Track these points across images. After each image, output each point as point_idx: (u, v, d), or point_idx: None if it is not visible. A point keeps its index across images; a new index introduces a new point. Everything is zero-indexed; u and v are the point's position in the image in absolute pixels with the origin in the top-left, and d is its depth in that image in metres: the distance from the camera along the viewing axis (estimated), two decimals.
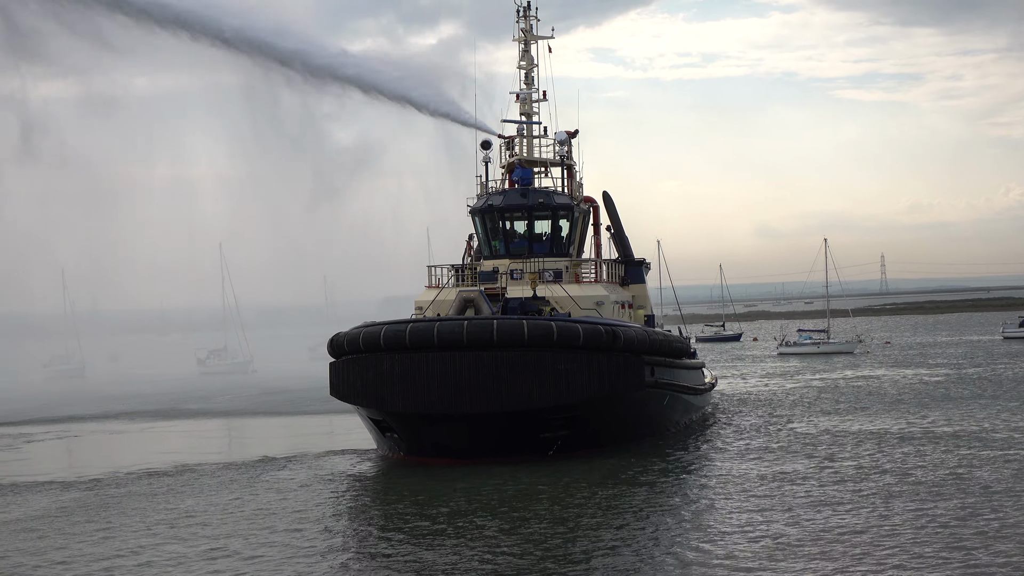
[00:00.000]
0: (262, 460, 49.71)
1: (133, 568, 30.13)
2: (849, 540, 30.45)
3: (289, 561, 30.18)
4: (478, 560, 29.57)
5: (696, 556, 29.38)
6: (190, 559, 30.79)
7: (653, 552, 30.04)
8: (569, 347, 45.62)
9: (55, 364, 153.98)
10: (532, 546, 30.89)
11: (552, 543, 31.22)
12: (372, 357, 46.76)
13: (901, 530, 31.42)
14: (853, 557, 28.59)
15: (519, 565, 28.94)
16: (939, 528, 31.51)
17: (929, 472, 40.70)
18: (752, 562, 28.47)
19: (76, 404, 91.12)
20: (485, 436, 45.35)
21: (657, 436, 51.72)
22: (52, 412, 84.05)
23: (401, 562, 29.87)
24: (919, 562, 27.96)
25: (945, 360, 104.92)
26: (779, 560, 28.56)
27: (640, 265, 63.88)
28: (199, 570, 29.64)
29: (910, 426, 54.49)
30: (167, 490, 42.48)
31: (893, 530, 31.43)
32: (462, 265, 57.55)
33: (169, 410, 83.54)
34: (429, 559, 29.91)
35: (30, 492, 43.61)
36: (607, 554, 29.90)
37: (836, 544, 30.01)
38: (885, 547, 29.50)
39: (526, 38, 60.45)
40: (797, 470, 42.02)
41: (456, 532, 33.04)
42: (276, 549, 31.66)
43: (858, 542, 30.18)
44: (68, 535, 34.55)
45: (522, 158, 59.30)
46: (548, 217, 57.15)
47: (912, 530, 31.36)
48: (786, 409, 65.35)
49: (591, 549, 30.46)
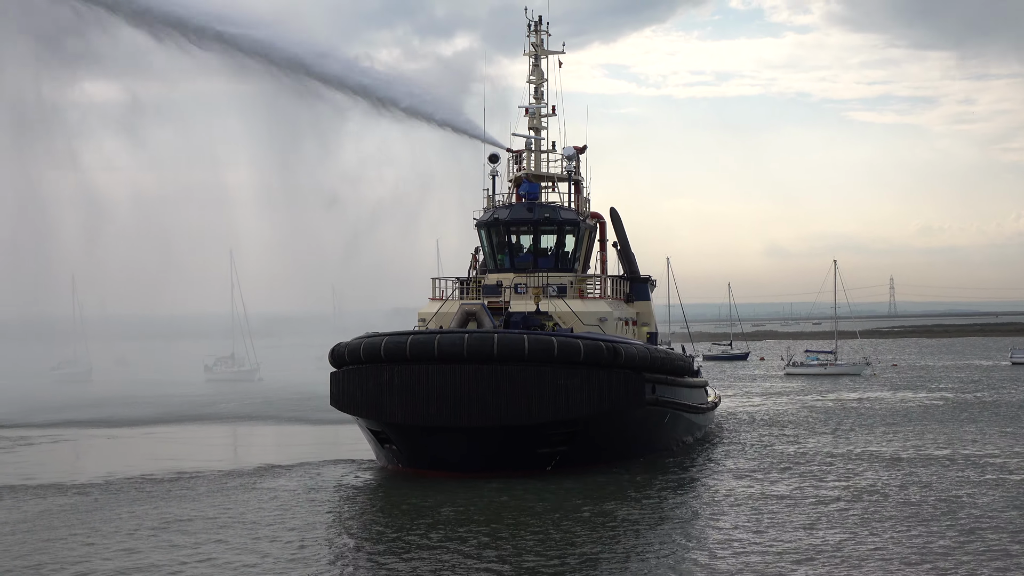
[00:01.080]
0: (260, 468, 49.68)
1: (109, 572, 30.15)
2: (838, 558, 30.33)
3: (266, 571, 30.16)
4: (463, 571, 29.48)
5: (687, 570, 29.28)
6: (161, 566, 30.82)
7: (645, 568, 29.92)
8: (570, 363, 45.49)
9: (63, 367, 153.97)
10: (522, 560, 30.79)
11: (544, 557, 31.11)
12: (372, 368, 46.71)
13: (901, 552, 31.28)
14: None
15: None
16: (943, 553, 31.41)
17: (932, 495, 40.55)
18: None
19: (80, 408, 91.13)
20: (483, 450, 45.23)
21: (657, 454, 51.56)
22: (55, 416, 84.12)
23: (384, 573, 29.82)
24: None
25: (951, 384, 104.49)
26: None
27: (645, 282, 63.79)
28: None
29: (912, 449, 54.27)
30: (156, 496, 42.47)
31: (891, 553, 31.29)
32: (467, 278, 57.53)
33: (172, 415, 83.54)
34: (409, 571, 29.82)
35: (23, 495, 43.65)
36: (599, 570, 29.80)
37: (828, 562, 29.89)
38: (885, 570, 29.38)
39: (536, 52, 60.45)
40: (794, 491, 41.86)
41: (445, 545, 32.94)
42: (255, 556, 31.65)
43: (848, 561, 30.05)
44: (48, 540, 34.51)
45: (529, 172, 59.26)
46: (554, 232, 57.08)
47: (917, 553, 31.19)
48: (790, 429, 65.11)
49: (583, 565, 30.35)
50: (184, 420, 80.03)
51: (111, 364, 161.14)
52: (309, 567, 30.67)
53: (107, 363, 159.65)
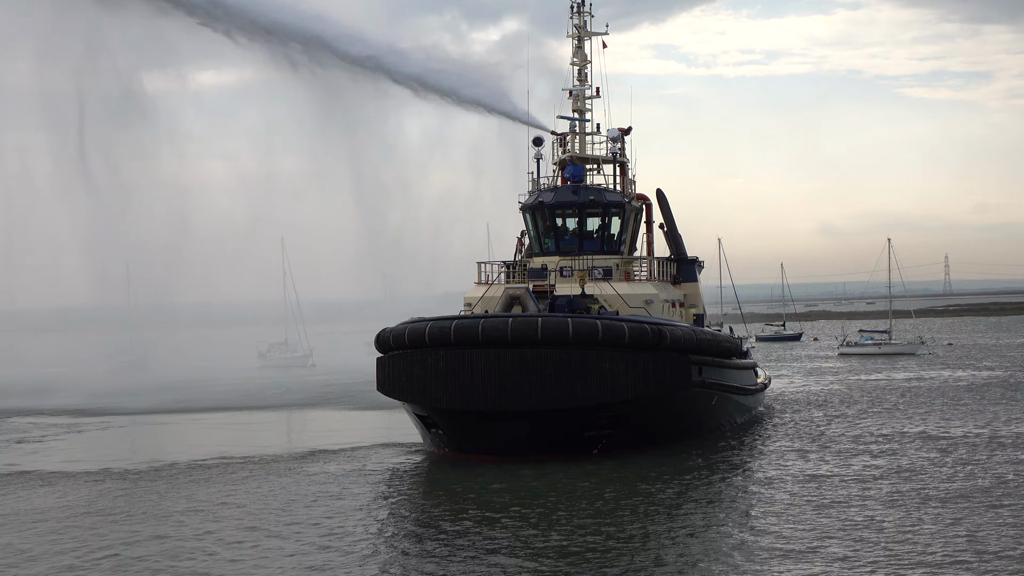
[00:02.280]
0: (311, 453, 50.04)
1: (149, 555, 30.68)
2: (892, 538, 30.07)
3: (304, 555, 30.49)
4: (506, 555, 29.53)
5: (737, 553, 29.14)
6: (186, 551, 31.33)
7: (692, 549, 29.83)
8: (614, 346, 45.35)
9: (118, 356, 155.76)
10: (565, 540, 30.78)
11: (590, 539, 31.09)
12: (417, 353, 46.83)
13: (968, 536, 30.94)
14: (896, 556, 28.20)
15: (549, 559, 28.84)
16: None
17: (988, 475, 40.11)
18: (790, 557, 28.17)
19: (134, 395, 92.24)
20: (529, 434, 45.22)
21: (705, 436, 51.31)
22: (108, 403, 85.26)
23: (427, 559, 29.94)
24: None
25: (1008, 364, 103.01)
26: (811, 557, 28.25)
27: (693, 263, 63.33)
28: (207, 557, 30.04)
29: (971, 430, 53.61)
30: (197, 480, 43.09)
31: (953, 536, 30.96)
32: (513, 262, 57.50)
33: (227, 402, 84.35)
34: (454, 557, 29.93)
35: (67, 481, 44.56)
36: (645, 551, 29.75)
37: (877, 544, 29.65)
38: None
39: (580, 34, 60.18)
40: (842, 470, 41.57)
41: (486, 529, 33.02)
42: (290, 543, 31.96)
43: (902, 540, 29.78)
44: (88, 528, 35.11)
45: (574, 155, 59.03)
46: (599, 214, 56.89)
47: (970, 540, 30.84)
48: (841, 409, 64.58)
49: (629, 548, 30.28)
50: (243, 407, 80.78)
51: (167, 352, 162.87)
52: (344, 552, 30.86)
53: (163, 351, 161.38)
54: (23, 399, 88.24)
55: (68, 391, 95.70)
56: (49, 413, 77.28)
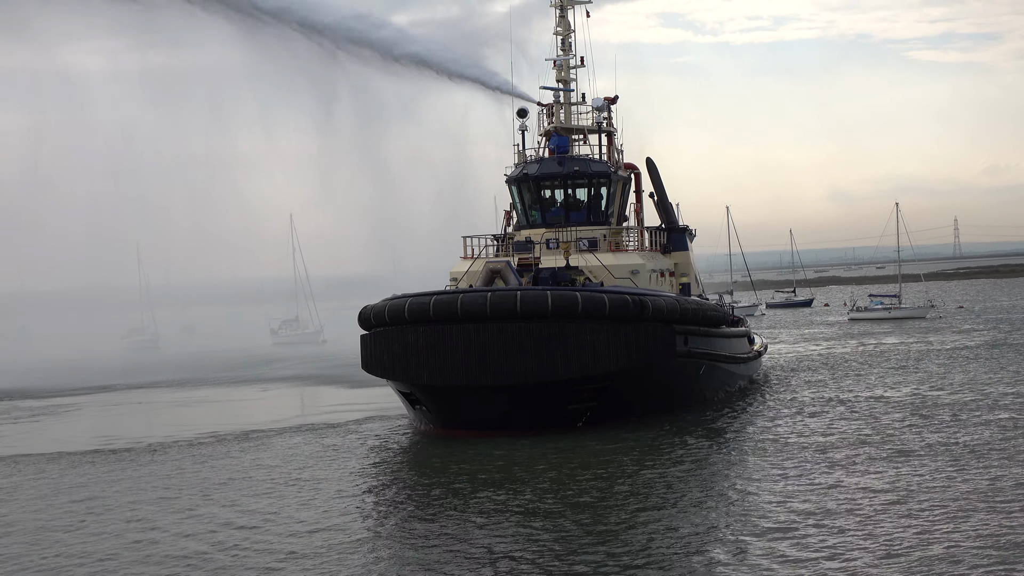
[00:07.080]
0: (327, 424, 51.54)
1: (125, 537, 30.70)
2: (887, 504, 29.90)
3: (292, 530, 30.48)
4: (488, 531, 29.48)
5: (727, 528, 29.00)
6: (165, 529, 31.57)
7: (680, 523, 29.61)
8: (595, 317, 45.08)
9: (131, 336, 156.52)
10: (550, 520, 30.68)
11: (579, 516, 30.88)
12: (398, 330, 46.69)
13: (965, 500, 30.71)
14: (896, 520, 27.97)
15: (539, 537, 28.76)
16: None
17: (999, 436, 40.13)
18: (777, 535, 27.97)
19: (144, 373, 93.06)
20: (511, 408, 45.07)
21: (694, 406, 50.98)
22: (116, 380, 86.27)
23: (414, 534, 29.91)
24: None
25: (1020, 325, 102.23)
26: (804, 531, 28.05)
27: (683, 232, 62.98)
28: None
29: (980, 395, 53.04)
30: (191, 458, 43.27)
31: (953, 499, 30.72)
32: (502, 235, 57.26)
33: (237, 378, 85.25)
34: (432, 531, 29.88)
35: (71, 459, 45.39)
36: (636, 526, 29.54)
37: (869, 511, 29.41)
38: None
39: (563, 3, 59.69)
40: (830, 435, 41.36)
41: (466, 502, 32.99)
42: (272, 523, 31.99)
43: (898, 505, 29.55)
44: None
45: (559, 125, 58.62)
46: (585, 185, 56.56)
47: (972, 510, 30.39)
48: (840, 373, 64.59)
49: (621, 524, 29.93)
50: (248, 382, 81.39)
51: (178, 331, 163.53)
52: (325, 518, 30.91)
53: (174, 330, 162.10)
54: (39, 379, 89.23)
55: (87, 371, 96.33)
56: (70, 393, 78.23)
